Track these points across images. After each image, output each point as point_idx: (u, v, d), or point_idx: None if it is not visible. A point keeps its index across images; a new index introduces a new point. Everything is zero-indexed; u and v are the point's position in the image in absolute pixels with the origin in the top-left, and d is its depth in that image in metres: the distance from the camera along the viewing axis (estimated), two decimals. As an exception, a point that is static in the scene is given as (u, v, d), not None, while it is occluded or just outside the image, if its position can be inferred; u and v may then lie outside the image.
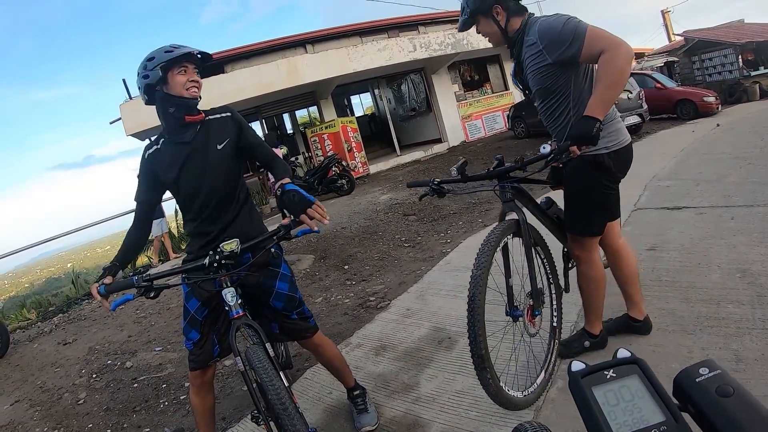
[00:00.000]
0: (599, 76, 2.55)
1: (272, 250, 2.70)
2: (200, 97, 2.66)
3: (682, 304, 3.61)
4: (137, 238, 2.74)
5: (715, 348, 2.98)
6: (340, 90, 18.61)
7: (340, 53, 15.98)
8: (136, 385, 4.84)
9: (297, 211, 2.40)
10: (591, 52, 2.56)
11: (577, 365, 0.72)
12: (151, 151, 2.70)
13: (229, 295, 2.48)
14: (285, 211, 2.48)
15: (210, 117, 2.74)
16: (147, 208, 2.75)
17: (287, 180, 2.55)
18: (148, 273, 2.53)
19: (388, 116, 19.35)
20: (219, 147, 2.68)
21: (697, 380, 0.65)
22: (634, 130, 13.55)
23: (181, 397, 4.36)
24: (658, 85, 16.25)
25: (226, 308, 2.49)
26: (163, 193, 2.80)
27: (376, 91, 22.34)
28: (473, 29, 3.09)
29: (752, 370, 2.70)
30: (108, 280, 2.47)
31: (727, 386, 0.63)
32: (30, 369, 6.01)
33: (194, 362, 2.75)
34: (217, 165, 2.67)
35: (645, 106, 13.88)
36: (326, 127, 16.27)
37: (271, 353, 2.39)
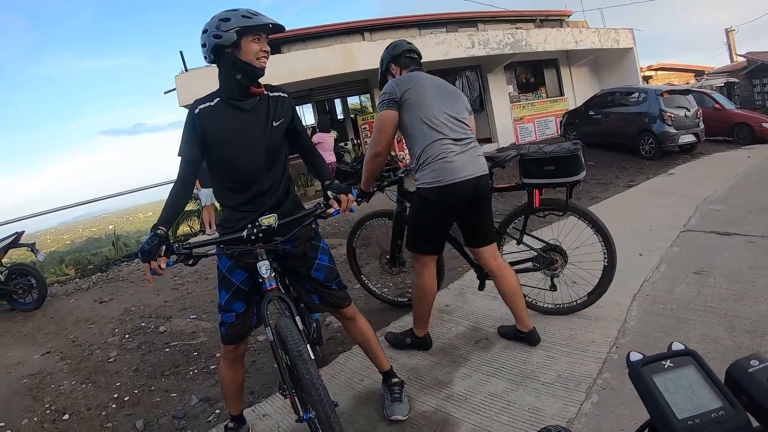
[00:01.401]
0: None
1: (313, 225, 2.85)
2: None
3: (725, 332, 3.52)
4: (182, 195, 2.66)
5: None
6: (394, 81, 18.42)
7: (397, 43, 15.76)
8: (167, 349, 4.89)
9: (338, 190, 2.69)
10: None
11: (635, 356, 0.74)
12: (203, 106, 2.65)
13: (264, 267, 2.51)
14: (328, 193, 2.69)
15: (269, 93, 2.76)
16: (194, 165, 2.66)
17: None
18: (188, 241, 2.54)
19: (440, 110, 19.01)
20: (275, 124, 2.72)
21: (748, 371, 0.67)
22: (689, 149, 13.30)
23: (211, 367, 4.39)
24: (717, 106, 15.82)
25: (260, 280, 2.52)
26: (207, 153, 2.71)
27: (431, 85, 22.07)
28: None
29: None
30: (163, 262, 2.34)
31: None
32: (64, 323, 6.11)
33: (233, 335, 2.81)
34: (270, 140, 2.71)
35: (701, 126, 13.52)
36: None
37: (301, 327, 2.41)
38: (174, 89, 14.21)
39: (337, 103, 20.96)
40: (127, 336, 5.34)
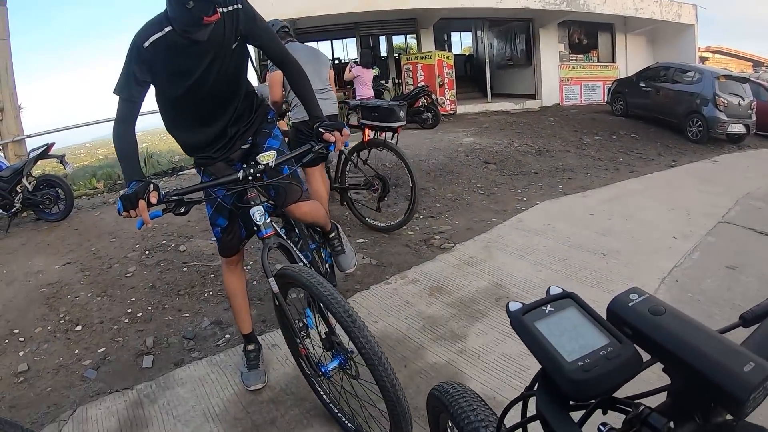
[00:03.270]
0: None
1: (269, 117, 2.88)
2: None
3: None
4: (130, 139, 2.36)
5: None
6: (443, 23, 18.11)
7: (452, -16, 15.39)
8: (185, 269, 4.86)
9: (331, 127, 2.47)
10: None
11: (515, 305, 0.75)
12: (154, 39, 2.28)
13: (257, 214, 2.44)
14: (320, 129, 2.49)
15: (223, 9, 2.34)
16: (136, 105, 2.38)
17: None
18: (176, 188, 2.37)
19: (486, 60, 18.81)
20: (233, 47, 2.47)
21: (629, 304, 0.68)
22: (737, 140, 12.80)
23: (226, 291, 4.38)
24: (773, 100, 15.17)
25: (254, 228, 2.46)
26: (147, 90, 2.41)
27: (479, 33, 21.62)
28: None
29: None
30: (154, 197, 2.12)
31: (659, 306, 0.67)
32: (87, 235, 6.10)
33: (226, 248, 2.87)
34: (231, 67, 2.52)
35: (754, 118, 12.97)
36: (422, 58, 15.89)
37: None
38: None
39: (382, 40, 20.65)
40: (147, 252, 5.32)
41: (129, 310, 4.16)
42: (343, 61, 20.25)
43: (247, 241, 3.00)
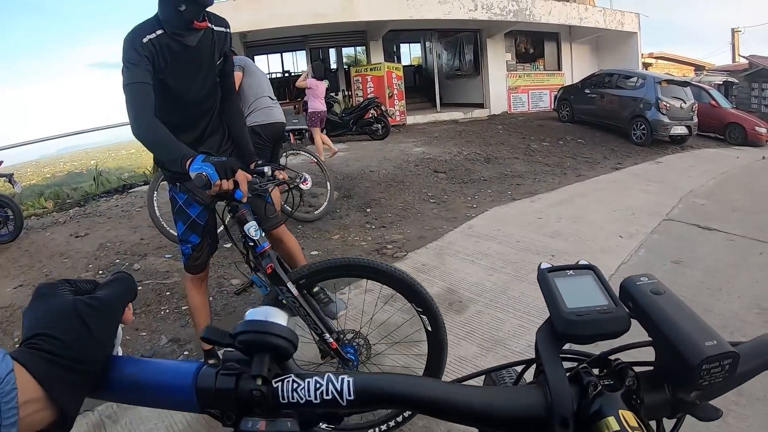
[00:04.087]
0: None
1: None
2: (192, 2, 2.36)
3: None
4: (157, 125, 2.36)
5: None
6: (392, 35, 18.22)
7: (399, -3, 15.57)
8: (140, 288, 4.80)
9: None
10: None
11: (545, 264, 0.81)
12: (152, 37, 2.39)
13: (252, 229, 2.48)
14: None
15: (215, 27, 2.59)
16: (149, 90, 2.38)
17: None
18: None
19: (435, 71, 19.03)
20: (217, 62, 2.65)
21: (637, 284, 0.74)
22: (679, 141, 13.41)
23: (183, 307, 4.36)
24: (713, 103, 15.79)
25: (251, 243, 2.50)
26: None
27: (428, 44, 21.89)
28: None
29: (752, 408, 2.66)
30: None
31: (660, 289, 0.73)
32: (39, 256, 5.98)
33: (195, 266, 2.89)
34: (211, 78, 2.67)
35: (695, 120, 13.57)
36: (371, 69, 15.99)
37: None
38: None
39: (332, 52, 20.71)
40: (100, 272, 5.27)
41: (85, 332, 4.09)
42: (293, 74, 20.26)
43: (211, 258, 3.04)
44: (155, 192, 5.65)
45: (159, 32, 2.40)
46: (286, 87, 17.77)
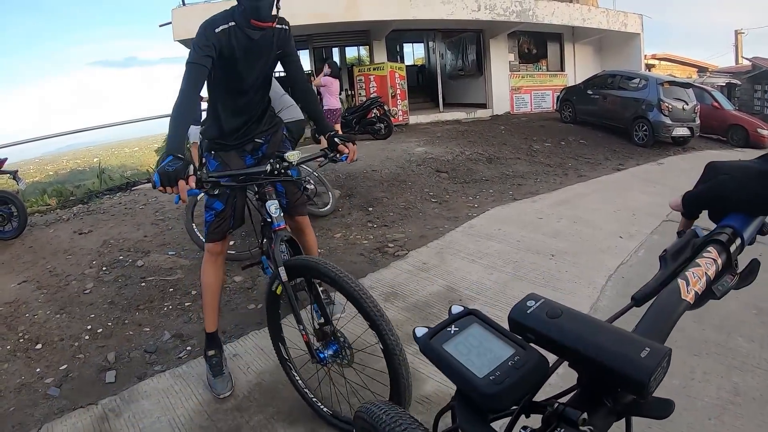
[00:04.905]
0: None
1: (284, 132, 3.31)
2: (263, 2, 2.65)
3: (693, 324, 3.58)
4: (191, 104, 2.59)
5: (716, 375, 2.98)
6: (395, 35, 18.24)
7: (403, -3, 15.60)
8: (143, 284, 4.87)
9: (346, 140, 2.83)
10: None
11: (421, 330, 0.77)
12: (221, 28, 2.68)
13: (273, 207, 2.63)
14: (336, 139, 2.84)
15: (277, 26, 2.83)
16: (204, 72, 2.63)
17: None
18: (209, 172, 2.56)
19: (438, 71, 19.06)
20: (277, 53, 2.95)
21: (528, 312, 0.72)
22: (681, 142, 13.42)
23: (186, 304, 4.41)
24: (715, 104, 15.78)
25: (268, 219, 2.66)
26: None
27: (431, 44, 21.88)
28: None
29: (748, 407, 2.69)
30: (192, 181, 2.25)
31: (556, 309, 0.71)
32: (42, 252, 6.04)
33: (214, 233, 3.01)
34: (267, 70, 3.00)
35: (697, 121, 13.58)
36: (374, 69, 16.00)
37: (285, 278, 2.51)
38: (170, 23, 13.92)
39: (335, 52, 20.71)
40: (104, 268, 5.31)
41: (89, 327, 4.15)
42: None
43: (233, 232, 3.23)
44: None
45: (231, 24, 2.69)
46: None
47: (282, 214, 2.69)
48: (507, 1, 16.85)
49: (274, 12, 2.75)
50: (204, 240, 3.16)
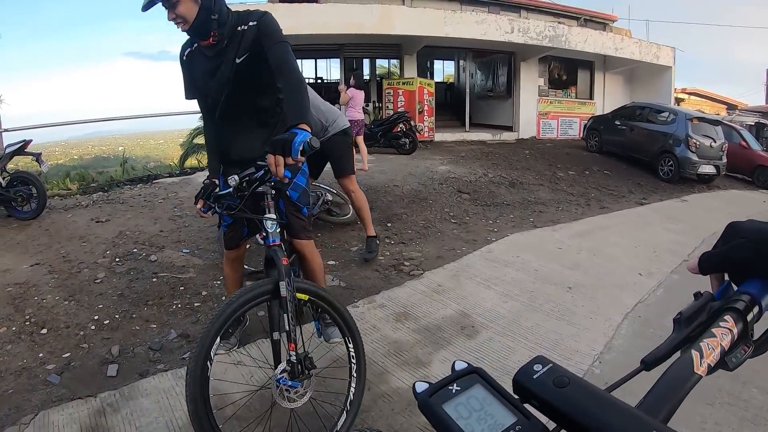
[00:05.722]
0: None
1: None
2: (189, 29, 2.64)
3: None
4: (213, 132, 3.01)
5: (728, 427, 2.89)
6: (426, 51, 18.27)
7: (436, 14, 15.60)
8: (155, 279, 4.86)
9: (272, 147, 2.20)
10: None
11: (421, 386, 0.73)
12: (188, 51, 2.84)
13: (269, 222, 2.58)
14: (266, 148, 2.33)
15: (241, 28, 2.68)
16: (203, 101, 2.94)
17: (303, 126, 2.27)
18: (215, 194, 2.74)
19: (467, 90, 19.01)
20: (239, 60, 2.69)
21: (534, 377, 0.69)
22: (707, 180, 13.24)
23: (195, 304, 4.38)
24: (743, 143, 15.56)
25: (264, 234, 2.60)
26: None
27: (461, 62, 21.86)
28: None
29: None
30: (200, 204, 2.72)
31: (563, 377, 0.68)
32: (58, 237, 6.06)
33: (226, 242, 3.19)
34: (238, 79, 2.72)
35: (724, 160, 13.41)
36: (404, 83, 15.99)
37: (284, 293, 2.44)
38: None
39: (366, 63, 20.77)
40: (117, 259, 5.31)
41: (96, 317, 4.14)
42: (325, 81, 20.39)
43: (249, 239, 3.26)
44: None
45: (195, 45, 2.79)
46: (318, 93, 17.79)
47: (278, 230, 2.63)
48: (540, 25, 16.88)
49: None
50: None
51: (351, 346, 2.64)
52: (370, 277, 4.99)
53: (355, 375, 2.65)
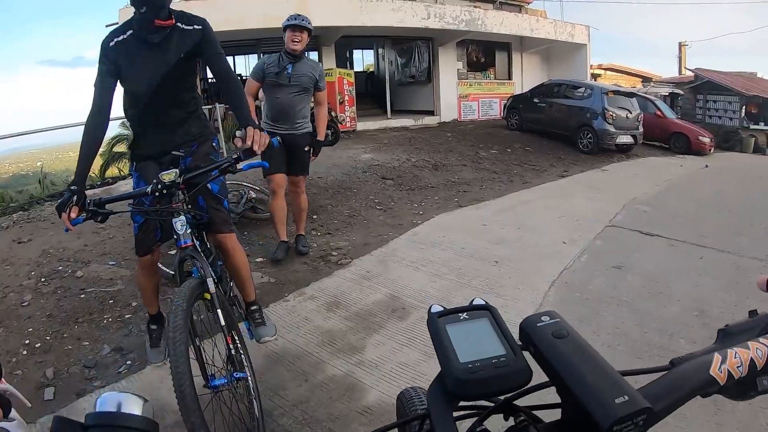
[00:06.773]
0: None
1: (213, 143, 3.15)
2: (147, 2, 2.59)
3: (636, 327, 3.69)
4: (98, 126, 2.74)
5: None
6: (345, 41, 18.28)
7: (353, 3, 15.56)
8: (83, 296, 4.72)
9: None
10: None
11: (436, 308, 0.78)
12: (119, 39, 2.69)
13: (179, 224, 2.53)
14: (237, 133, 2.65)
15: (183, 26, 2.75)
16: (108, 93, 2.73)
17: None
18: (99, 197, 2.54)
19: (387, 78, 19.13)
20: (182, 56, 2.76)
21: (537, 325, 0.71)
22: (625, 150, 13.82)
23: (126, 316, 4.30)
24: (658, 113, 16.36)
25: (175, 236, 2.56)
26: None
27: (380, 51, 21.99)
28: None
29: (690, 410, 2.66)
30: (74, 212, 2.43)
31: (563, 330, 0.69)
32: (-21, 262, 5.76)
33: (140, 246, 2.98)
34: (174, 73, 2.77)
35: (641, 129, 14.01)
36: (323, 75, 15.81)
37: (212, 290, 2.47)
38: (117, 23, 13.59)
39: (284, 57, 20.55)
40: (43, 279, 5.12)
41: (27, 341, 4.01)
42: (244, 77, 20.11)
43: (161, 245, 3.08)
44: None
45: (129, 33, 2.69)
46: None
47: (189, 231, 2.57)
48: (457, 10, 17.06)
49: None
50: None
51: (237, 338, 2.64)
52: (299, 270, 5.01)
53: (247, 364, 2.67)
